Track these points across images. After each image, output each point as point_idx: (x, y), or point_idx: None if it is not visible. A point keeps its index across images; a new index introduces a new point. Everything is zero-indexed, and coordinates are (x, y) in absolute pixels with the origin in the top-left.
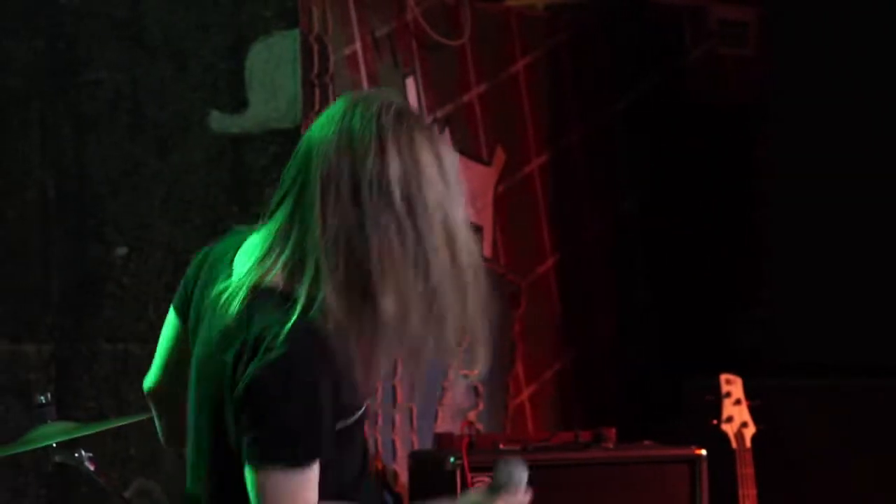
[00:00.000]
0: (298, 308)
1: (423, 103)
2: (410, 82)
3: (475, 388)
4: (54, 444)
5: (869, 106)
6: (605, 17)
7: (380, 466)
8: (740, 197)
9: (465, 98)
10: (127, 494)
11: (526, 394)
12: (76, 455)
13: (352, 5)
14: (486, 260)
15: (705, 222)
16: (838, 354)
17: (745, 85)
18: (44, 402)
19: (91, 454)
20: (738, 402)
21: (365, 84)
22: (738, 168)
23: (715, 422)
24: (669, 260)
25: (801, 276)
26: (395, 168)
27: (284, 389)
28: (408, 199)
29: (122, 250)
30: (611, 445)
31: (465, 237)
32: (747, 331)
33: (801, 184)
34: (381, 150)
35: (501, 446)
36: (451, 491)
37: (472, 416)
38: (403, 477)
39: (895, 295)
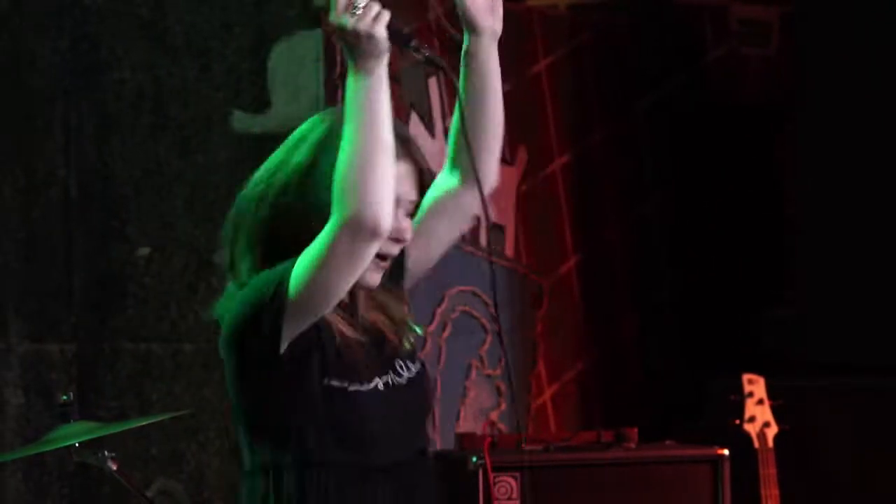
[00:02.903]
0: None
1: (446, 103)
2: (433, 82)
3: (497, 388)
4: (76, 444)
5: (893, 105)
6: (626, 16)
7: None
8: (763, 197)
9: None
10: (149, 494)
11: (548, 393)
12: (98, 455)
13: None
14: (508, 260)
15: (728, 222)
16: (861, 354)
17: (767, 84)
18: (66, 401)
19: (113, 454)
20: (760, 401)
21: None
22: (761, 168)
23: (737, 422)
24: (692, 259)
25: (825, 276)
26: None
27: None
28: None
29: (144, 250)
30: (633, 445)
31: None
32: (770, 330)
33: (826, 183)
34: None
35: (523, 446)
36: (473, 491)
37: (494, 415)
38: None
39: None
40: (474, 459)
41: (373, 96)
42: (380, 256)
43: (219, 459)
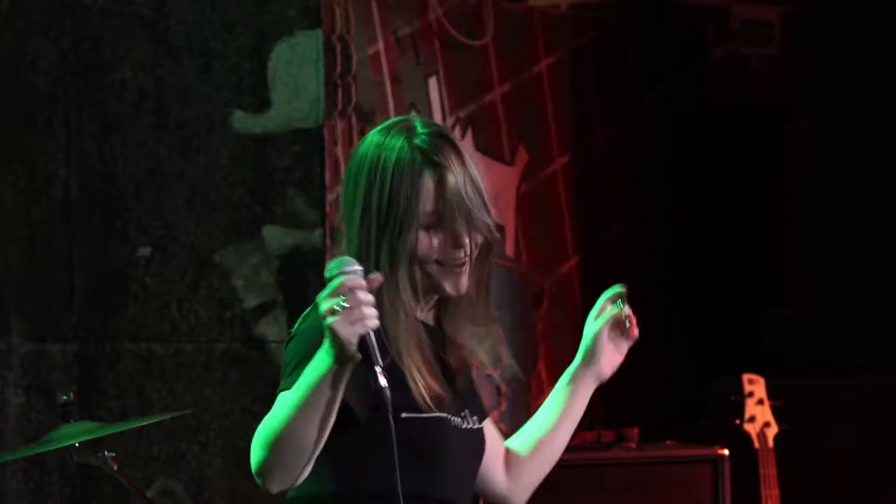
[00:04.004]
0: None
1: (446, 103)
2: (433, 82)
3: (498, 389)
4: (77, 444)
5: (893, 104)
6: (628, 16)
7: None
8: (765, 196)
9: (488, 98)
10: (150, 494)
11: (548, 393)
12: (99, 455)
13: (374, 5)
14: (508, 260)
15: (730, 222)
16: (861, 354)
17: (769, 83)
18: (66, 401)
19: (114, 454)
20: (760, 401)
21: (387, 84)
22: (763, 167)
23: (737, 422)
24: (693, 260)
25: (825, 276)
26: None
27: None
28: None
29: (145, 250)
30: (633, 445)
31: None
32: (771, 330)
33: (828, 183)
34: None
35: None
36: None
37: (495, 416)
38: None
39: None
40: None
41: (320, 386)
42: (449, 266)
43: (220, 459)
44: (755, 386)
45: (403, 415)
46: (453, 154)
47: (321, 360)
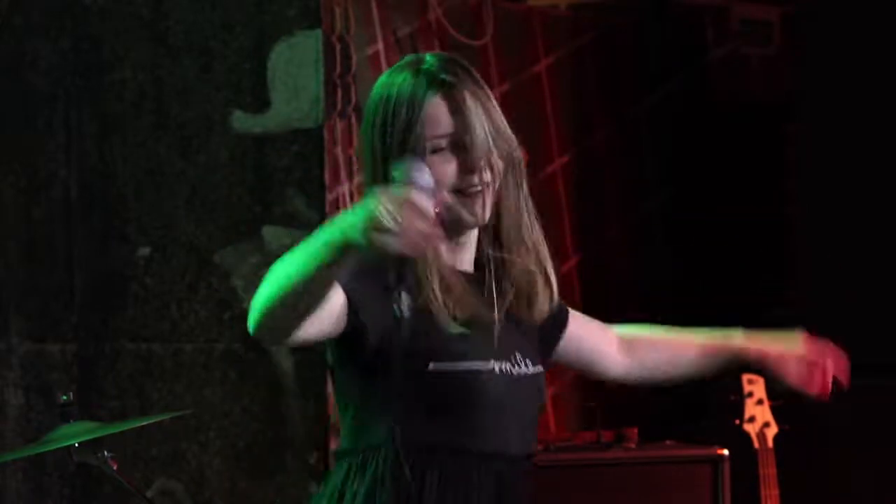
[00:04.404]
0: None
1: None
2: None
3: None
4: (77, 444)
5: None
6: (628, 16)
7: None
8: (766, 196)
9: None
10: (149, 494)
11: (548, 393)
12: (98, 455)
13: (374, 5)
14: None
15: (730, 222)
16: (862, 354)
17: (769, 83)
18: (66, 401)
19: (113, 454)
20: (760, 402)
21: None
22: (764, 167)
23: (737, 422)
24: (693, 259)
25: (826, 275)
26: None
27: None
28: None
29: (145, 250)
30: (633, 445)
31: None
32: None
33: (827, 182)
34: None
35: None
36: None
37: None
38: None
39: None
40: None
41: (330, 261)
42: (460, 192)
43: (220, 459)
44: (755, 386)
45: (431, 366)
46: (465, 74)
47: (338, 240)
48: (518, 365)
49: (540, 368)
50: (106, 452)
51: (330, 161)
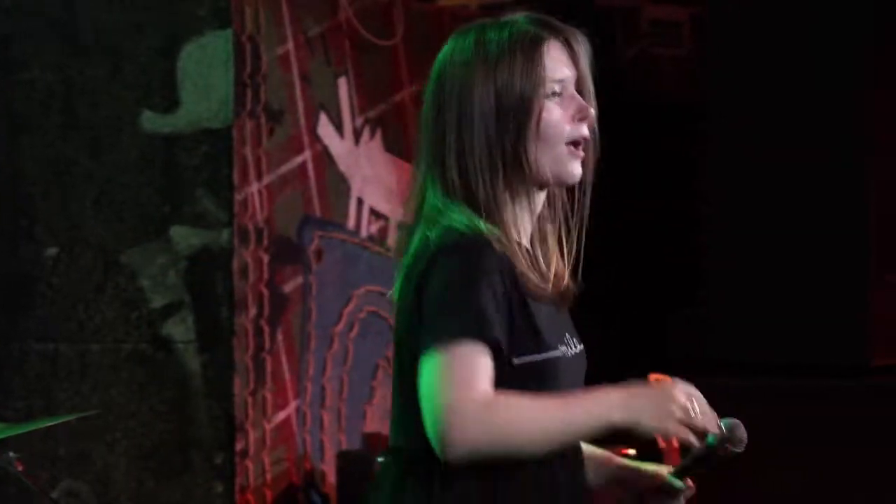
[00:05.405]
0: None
1: (356, 103)
2: (343, 82)
3: None
4: None
5: (803, 104)
6: None
7: (308, 467)
8: (678, 195)
9: (398, 98)
10: (55, 495)
11: None
12: (4, 456)
13: (284, 5)
14: None
15: (643, 221)
16: (768, 354)
17: (680, 83)
18: None
19: (19, 455)
20: None
21: (297, 85)
22: (676, 167)
23: None
24: (606, 259)
25: (734, 275)
26: None
27: (449, 273)
28: None
29: (52, 250)
30: None
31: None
32: (681, 330)
33: (736, 182)
34: None
35: None
36: None
37: None
38: (332, 477)
39: (828, 295)
40: (380, 459)
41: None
42: (574, 144)
43: (126, 460)
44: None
45: (515, 361)
46: (573, 27)
47: (608, 409)
48: (570, 346)
49: (582, 345)
50: (11, 453)
51: (239, 161)
